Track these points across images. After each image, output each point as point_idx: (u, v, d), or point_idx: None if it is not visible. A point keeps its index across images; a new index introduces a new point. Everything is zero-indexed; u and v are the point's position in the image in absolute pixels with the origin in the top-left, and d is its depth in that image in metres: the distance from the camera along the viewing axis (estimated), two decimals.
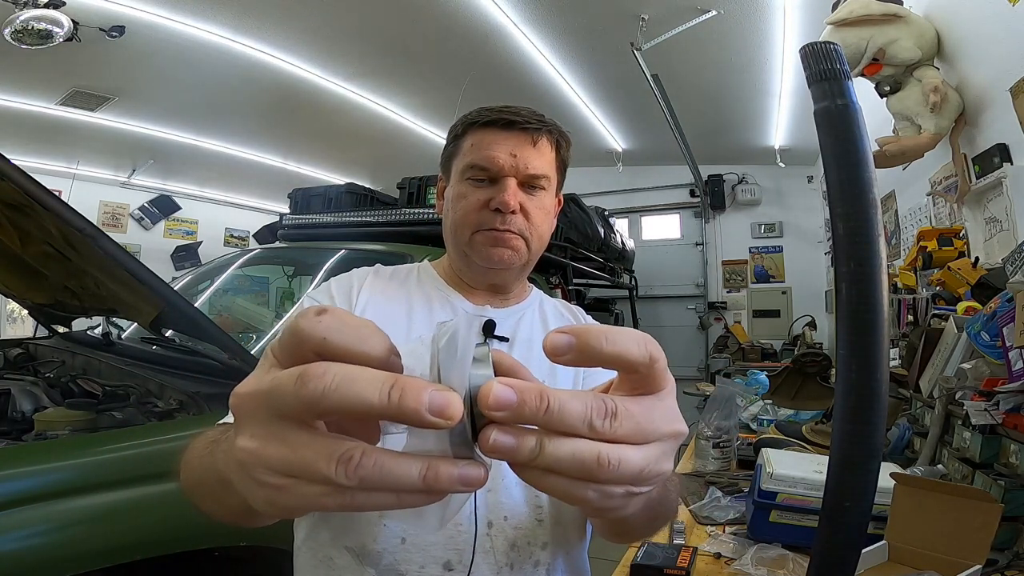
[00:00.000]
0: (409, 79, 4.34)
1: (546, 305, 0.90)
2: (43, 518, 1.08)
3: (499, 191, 0.77)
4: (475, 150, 0.78)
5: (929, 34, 2.17)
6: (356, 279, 0.82)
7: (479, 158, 0.77)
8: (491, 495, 0.71)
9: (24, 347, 2.21)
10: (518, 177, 0.78)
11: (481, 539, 0.69)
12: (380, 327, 0.38)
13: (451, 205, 0.80)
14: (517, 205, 0.77)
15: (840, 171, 0.58)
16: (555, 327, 0.85)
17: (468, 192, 0.78)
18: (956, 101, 2.13)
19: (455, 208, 0.79)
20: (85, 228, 1.39)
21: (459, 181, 0.80)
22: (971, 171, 2.14)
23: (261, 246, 3.78)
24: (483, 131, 0.79)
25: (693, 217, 6.24)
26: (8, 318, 5.20)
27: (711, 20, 3.28)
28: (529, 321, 0.85)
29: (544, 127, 0.80)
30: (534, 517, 0.72)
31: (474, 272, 0.82)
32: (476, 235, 0.78)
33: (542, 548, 0.72)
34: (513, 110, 0.78)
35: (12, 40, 3.16)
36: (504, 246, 0.78)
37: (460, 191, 0.79)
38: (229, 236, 6.93)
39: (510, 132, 0.78)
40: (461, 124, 0.81)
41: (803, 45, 0.61)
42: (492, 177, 0.78)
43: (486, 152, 0.77)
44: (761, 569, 1.05)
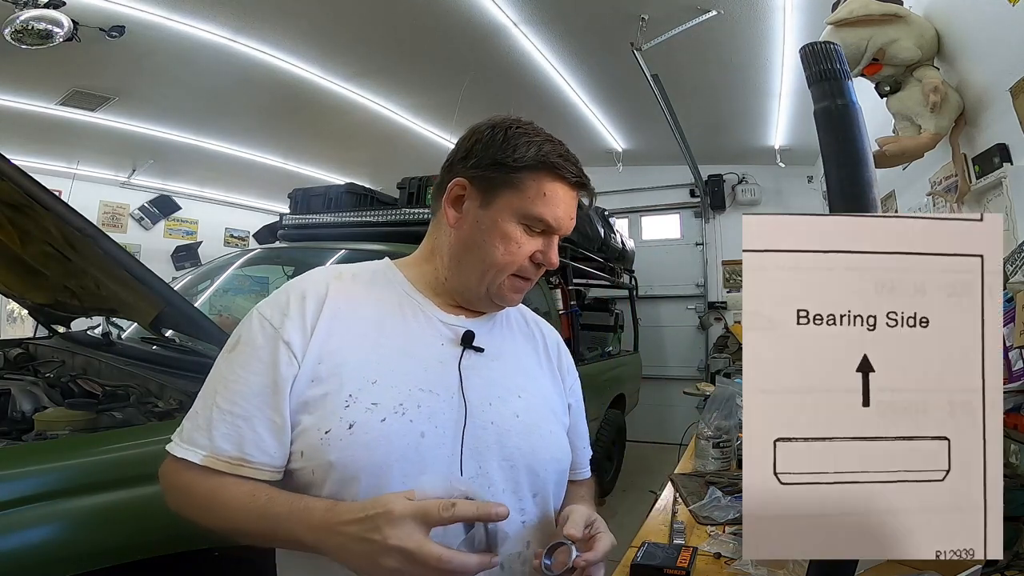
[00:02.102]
0: (409, 79, 4.34)
1: (511, 314, 0.91)
2: (43, 518, 1.07)
3: (549, 248, 0.79)
4: (547, 204, 0.76)
5: (929, 34, 2.17)
6: (314, 289, 0.76)
7: (551, 216, 0.76)
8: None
9: (24, 347, 2.21)
10: (562, 235, 0.80)
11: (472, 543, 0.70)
12: (350, 340, 0.72)
13: (491, 238, 0.76)
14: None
15: (840, 171, 0.58)
16: (523, 335, 0.90)
17: (522, 239, 0.77)
18: (956, 101, 2.13)
19: (502, 247, 0.76)
20: (85, 228, 1.39)
21: (512, 220, 0.76)
22: (971, 171, 2.14)
23: (261, 246, 3.77)
24: (557, 183, 0.77)
25: (693, 217, 6.24)
26: (8, 318, 5.19)
27: (711, 20, 3.28)
28: (499, 332, 0.86)
29: (591, 188, 0.81)
30: (519, 520, 0.75)
31: (478, 302, 0.82)
32: (508, 278, 0.78)
33: (527, 547, 0.75)
34: (579, 166, 0.78)
35: (12, 40, 3.16)
36: (521, 292, 0.81)
37: (512, 233, 0.76)
38: (229, 236, 6.93)
39: (575, 192, 0.79)
40: (534, 159, 0.75)
41: (803, 45, 0.61)
42: (546, 231, 0.78)
43: (557, 212, 0.77)
44: (761, 569, 1.05)
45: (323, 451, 0.67)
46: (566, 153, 0.78)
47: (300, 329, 0.72)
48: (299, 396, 0.70)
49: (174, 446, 0.70)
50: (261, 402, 0.69)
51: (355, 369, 0.71)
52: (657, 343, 6.10)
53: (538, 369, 0.88)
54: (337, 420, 0.68)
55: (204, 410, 0.70)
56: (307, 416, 0.69)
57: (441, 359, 0.76)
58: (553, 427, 0.84)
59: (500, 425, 0.76)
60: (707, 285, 6.09)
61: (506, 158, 0.75)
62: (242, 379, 0.70)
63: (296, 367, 0.70)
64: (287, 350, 0.70)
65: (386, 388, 0.71)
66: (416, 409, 0.71)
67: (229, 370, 0.71)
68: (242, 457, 0.68)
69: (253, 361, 0.71)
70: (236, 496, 0.66)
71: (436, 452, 0.70)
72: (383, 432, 0.68)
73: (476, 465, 0.73)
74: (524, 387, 0.82)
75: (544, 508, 0.80)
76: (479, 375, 0.78)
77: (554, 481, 0.82)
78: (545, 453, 0.80)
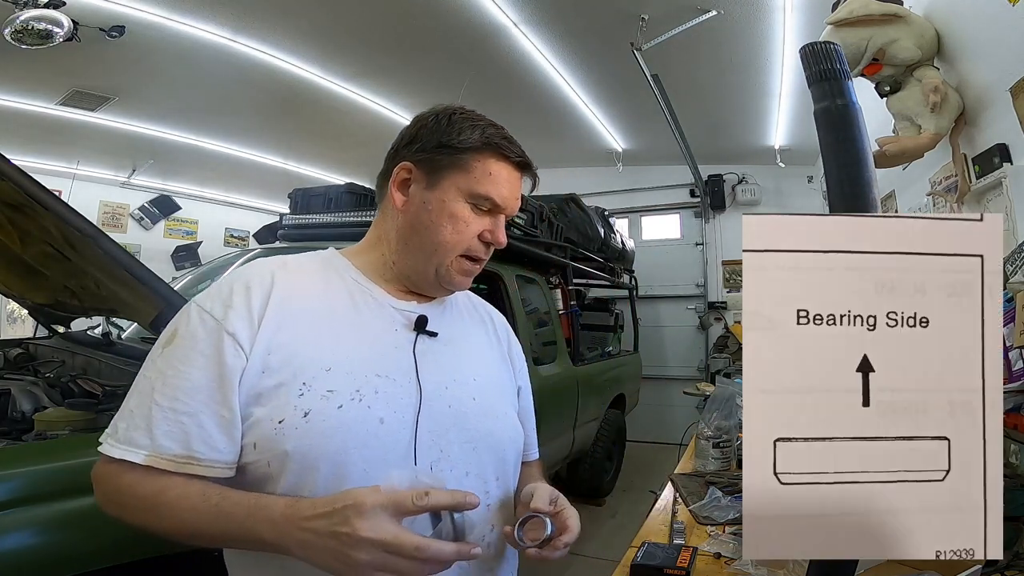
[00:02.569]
0: (409, 79, 4.34)
1: (460, 299, 0.92)
2: (43, 518, 1.08)
3: (496, 227, 0.80)
4: (493, 183, 0.77)
5: (929, 34, 2.17)
6: (259, 280, 0.74)
7: (497, 195, 0.78)
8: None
9: (24, 347, 2.21)
10: (508, 216, 0.81)
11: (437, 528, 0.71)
12: (302, 329, 0.74)
13: (438, 218, 0.77)
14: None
15: (840, 171, 0.59)
16: (472, 319, 0.92)
17: (470, 218, 0.77)
18: (956, 101, 2.13)
19: (449, 226, 0.77)
20: (85, 228, 1.39)
21: (459, 200, 0.77)
22: (971, 171, 2.14)
23: (261, 246, 3.77)
24: (502, 163, 0.79)
25: (693, 217, 6.24)
26: (8, 318, 5.19)
27: (711, 20, 3.28)
28: (451, 317, 0.86)
29: (534, 170, 0.84)
30: (483, 502, 0.75)
31: (426, 285, 0.82)
32: (456, 259, 0.79)
33: (491, 530, 0.76)
34: (521, 149, 0.80)
35: (12, 40, 3.16)
36: (471, 276, 0.82)
37: (459, 212, 0.77)
38: (229, 236, 6.93)
39: (517, 172, 0.81)
40: (479, 140, 0.77)
41: (803, 45, 0.61)
42: (492, 210, 0.79)
43: (503, 191, 0.78)
44: (761, 569, 1.05)
45: (278, 441, 0.66)
46: (509, 136, 0.80)
47: (246, 320, 0.69)
48: (250, 388, 0.68)
49: (109, 447, 0.66)
50: (206, 396, 0.66)
51: (308, 358, 0.70)
52: (657, 343, 6.10)
53: (490, 352, 0.90)
54: (291, 409, 0.67)
55: (141, 408, 0.67)
56: (259, 408, 0.67)
57: (395, 344, 0.76)
58: (507, 409, 0.86)
59: (458, 408, 0.77)
60: (707, 285, 6.09)
61: (451, 140, 0.77)
62: (182, 374, 0.67)
63: (244, 359, 0.68)
64: (232, 341, 0.68)
65: (341, 375, 0.70)
66: (373, 395, 0.70)
67: (167, 365, 0.68)
68: (190, 455, 0.65)
69: (193, 355, 0.68)
70: (186, 496, 0.63)
71: (396, 437, 0.70)
72: (341, 419, 0.67)
73: (438, 449, 0.73)
74: (478, 371, 0.83)
75: (506, 490, 0.81)
76: (434, 359, 0.78)
77: (512, 463, 0.83)
78: (503, 434, 0.81)
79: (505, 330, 0.96)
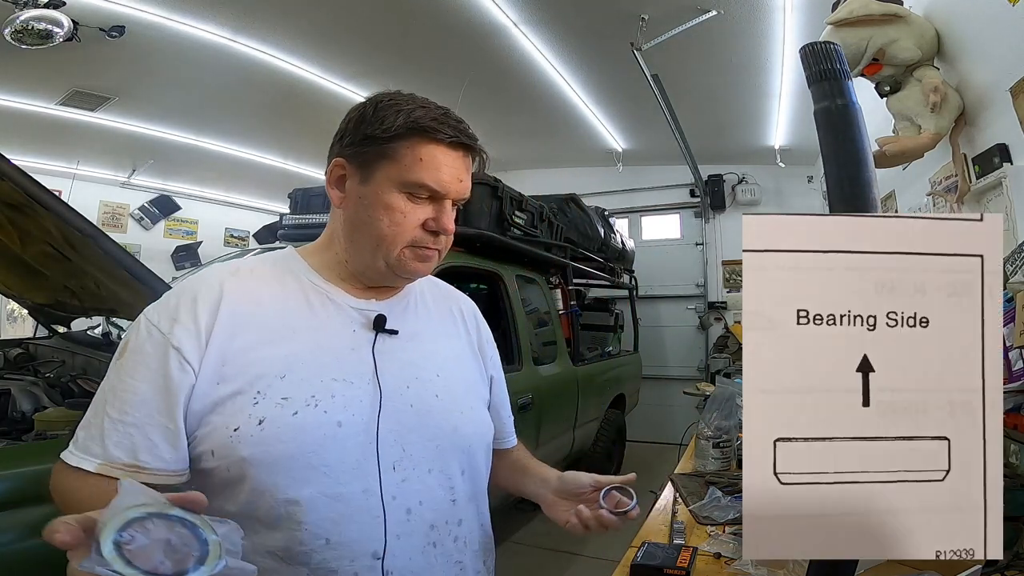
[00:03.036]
0: (409, 79, 4.33)
1: (425, 292, 0.89)
2: (43, 518, 1.07)
3: (441, 213, 0.76)
4: (425, 169, 0.73)
5: (929, 34, 2.17)
6: (207, 290, 0.73)
7: (431, 179, 0.73)
8: (406, 484, 0.73)
9: (24, 347, 2.21)
10: (456, 199, 0.77)
11: (401, 525, 0.71)
12: (256, 337, 0.72)
13: (376, 212, 0.74)
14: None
15: (840, 171, 0.59)
16: (439, 312, 0.89)
17: (406, 208, 0.74)
18: (956, 101, 2.13)
19: (387, 220, 0.74)
20: (85, 228, 1.39)
21: (392, 191, 0.73)
22: (971, 171, 2.14)
23: (261, 246, 3.77)
24: (432, 146, 0.74)
25: (693, 217, 6.24)
26: (8, 318, 5.19)
27: (711, 20, 3.28)
28: (414, 312, 0.85)
29: (480, 150, 0.79)
30: (448, 498, 0.76)
31: (381, 278, 0.80)
32: (405, 250, 0.76)
33: (458, 524, 0.77)
34: (457, 127, 0.75)
35: (12, 40, 3.16)
36: (428, 261, 0.78)
37: (395, 204, 0.73)
38: (229, 236, 6.92)
39: (457, 153, 0.75)
40: (403, 126, 0.72)
41: (803, 45, 0.61)
42: (433, 196, 0.75)
43: (438, 175, 0.74)
44: (761, 569, 1.05)
45: (233, 448, 0.67)
46: (441, 116, 0.74)
47: (192, 334, 0.69)
48: (203, 398, 0.69)
49: (68, 454, 0.68)
50: (152, 409, 0.67)
51: (263, 367, 0.70)
52: (657, 343, 6.10)
53: (456, 345, 0.88)
54: (246, 417, 0.68)
55: (96, 419, 0.69)
56: (215, 416, 0.69)
57: (353, 346, 0.76)
58: (474, 403, 0.85)
59: (419, 407, 0.76)
60: (707, 285, 6.09)
61: (375, 131, 0.73)
62: (130, 387, 0.68)
63: (191, 373, 0.68)
64: (178, 356, 0.68)
65: (297, 382, 0.70)
66: (330, 399, 0.71)
67: (118, 379, 0.69)
68: (136, 464, 0.66)
69: (141, 368, 0.69)
70: (82, 501, 0.63)
71: (355, 439, 0.71)
72: (296, 425, 0.68)
73: (399, 448, 0.73)
74: (442, 366, 0.82)
75: (475, 484, 0.81)
76: (394, 358, 0.77)
77: (482, 456, 0.84)
78: (468, 428, 0.81)
79: (475, 320, 0.94)
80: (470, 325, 0.93)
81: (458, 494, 0.78)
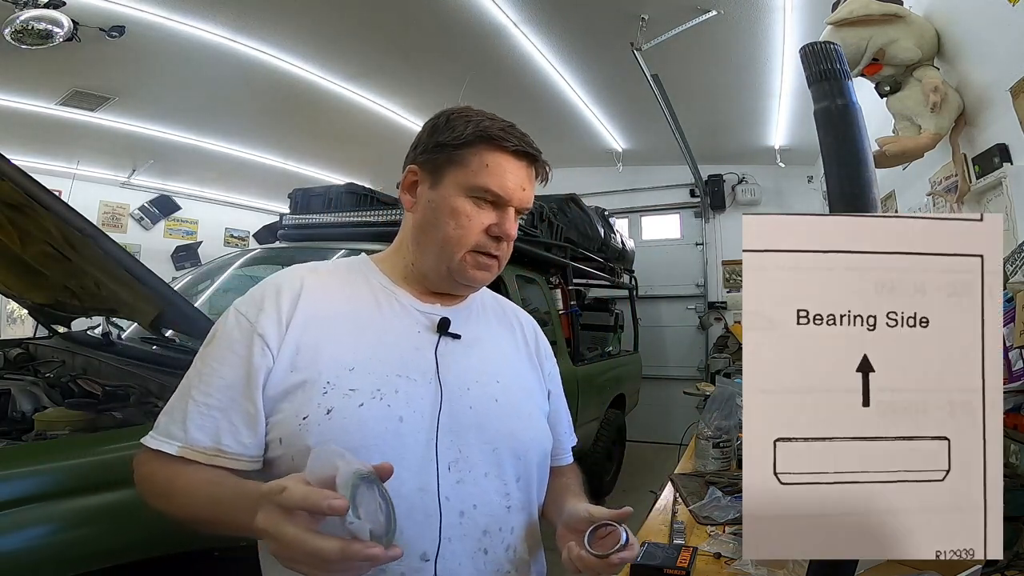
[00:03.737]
0: (409, 79, 4.34)
1: (487, 302, 0.92)
2: (43, 518, 1.08)
3: (503, 219, 0.79)
4: (491, 174, 0.77)
5: (929, 34, 2.17)
6: (289, 284, 0.78)
7: (495, 185, 0.77)
8: (461, 486, 0.73)
9: (24, 347, 2.21)
10: (518, 208, 0.80)
11: (454, 527, 0.71)
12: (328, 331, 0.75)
13: (443, 216, 0.78)
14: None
15: (840, 171, 0.59)
16: (500, 323, 0.91)
17: (472, 212, 0.77)
18: (956, 101, 2.13)
19: (453, 223, 0.77)
20: (85, 228, 1.39)
21: (459, 195, 0.77)
22: (971, 171, 2.14)
23: (261, 246, 3.77)
24: (498, 154, 0.78)
25: (693, 217, 6.24)
26: (8, 318, 5.19)
27: (711, 20, 3.28)
28: (476, 320, 0.87)
29: (543, 162, 0.82)
30: (502, 504, 0.76)
31: (444, 283, 0.82)
32: (468, 254, 0.78)
33: (511, 532, 0.76)
34: (523, 139, 0.79)
35: (12, 40, 3.16)
36: (488, 270, 0.81)
37: (461, 207, 0.77)
38: (229, 236, 6.92)
39: (521, 162, 0.79)
40: (473, 134, 0.77)
41: (803, 45, 0.61)
42: (496, 202, 0.78)
43: (502, 180, 0.77)
44: (761, 569, 1.05)
45: (301, 436, 0.69)
46: (508, 127, 0.79)
47: (275, 322, 0.73)
48: (277, 385, 0.72)
49: (149, 439, 0.72)
50: (236, 393, 0.71)
51: (333, 358, 0.73)
52: (657, 343, 6.10)
53: (516, 355, 0.89)
54: (315, 407, 0.70)
55: (180, 403, 0.72)
56: (286, 404, 0.71)
57: (417, 346, 0.78)
58: (532, 411, 0.85)
59: (479, 409, 0.77)
60: (707, 285, 6.09)
61: (447, 139, 0.78)
62: (217, 372, 0.72)
63: (270, 358, 0.72)
64: (261, 342, 0.72)
65: (364, 375, 0.73)
66: (394, 394, 0.73)
67: (204, 364, 0.73)
68: (218, 448, 0.69)
69: (228, 355, 0.72)
70: (191, 482, 0.67)
71: (415, 436, 0.72)
72: (361, 416, 0.70)
73: (456, 449, 0.74)
74: (502, 372, 0.83)
75: (527, 493, 0.81)
76: (456, 361, 0.79)
77: (537, 464, 0.83)
78: (526, 435, 0.81)
79: (534, 334, 0.95)
80: (529, 338, 0.94)
81: (512, 501, 0.77)
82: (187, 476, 0.68)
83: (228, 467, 0.69)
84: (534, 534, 0.82)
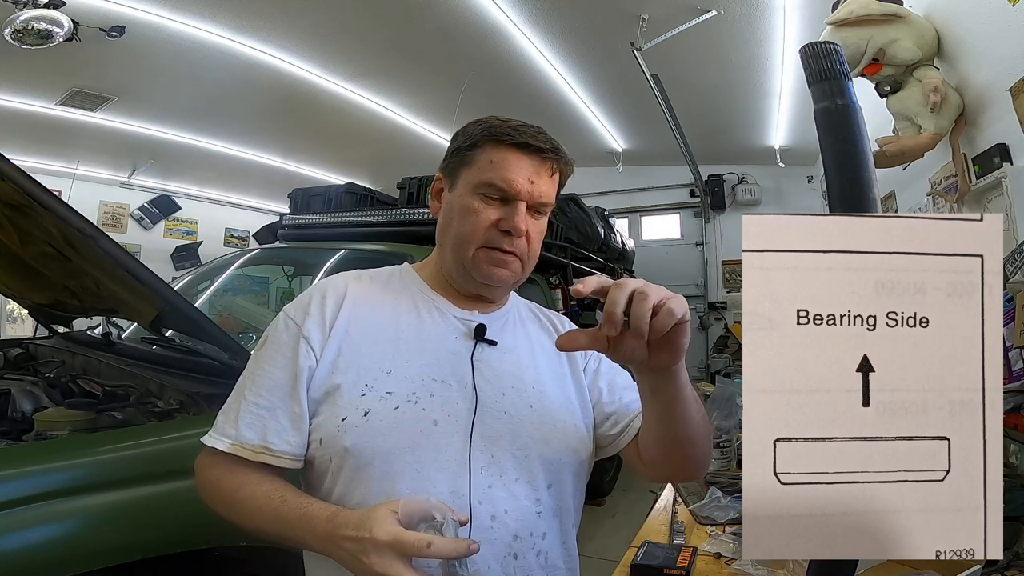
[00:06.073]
0: (409, 79, 4.34)
1: (523, 310, 0.92)
2: (43, 518, 1.07)
3: (511, 213, 0.78)
4: (495, 169, 0.78)
5: (929, 34, 2.17)
6: (333, 289, 0.81)
7: (499, 179, 0.77)
8: (492, 491, 0.73)
9: (24, 347, 2.21)
10: (529, 202, 0.79)
11: (485, 531, 0.71)
12: (368, 335, 0.78)
13: (456, 215, 0.80)
14: (525, 229, 0.79)
15: (840, 171, 0.59)
16: (536, 329, 0.90)
17: (479, 208, 0.78)
18: (956, 101, 2.13)
19: (462, 220, 0.79)
20: (85, 228, 1.39)
21: (469, 193, 0.79)
22: (971, 171, 2.14)
23: (261, 246, 3.77)
24: (504, 149, 0.78)
25: (693, 217, 6.24)
26: (8, 318, 5.20)
27: (711, 20, 3.28)
28: (512, 327, 0.87)
29: (558, 156, 0.82)
30: (533, 510, 0.76)
31: (467, 283, 0.83)
32: (480, 251, 0.79)
33: (542, 538, 0.76)
34: (533, 133, 0.80)
35: (12, 40, 3.16)
36: (504, 267, 0.80)
37: (469, 204, 0.78)
38: (229, 236, 6.93)
39: (530, 156, 0.79)
40: (480, 134, 0.79)
41: (803, 45, 0.61)
42: (505, 198, 0.79)
43: (506, 174, 0.78)
44: (761, 569, 1.05)
45: (339, 437, 0.71)
46: (517, 124, 0.80)
47: (319, 325, 0.77)
48: (319, 387, 0.75)
49: (207, 437, 0.75)
50: (283, 394, 0.74)
51: (372, 361, 0.76)
52: None
53: (555, 361, 0.87)
54: (353, 408, 0.72)
55: (234, 403, 0.76)
56: (326, 405, 0.74)
57: (454, 351, 0.79)
58: (568, 418, 0.83)
59: (514, 415, 0.77)
60: (707, 285, 6.10)
61: (461, 143, 0.82)
62: (267, 373, 0.76)
63: (314, 360, 0.75)
64: (306, 344, 0.76)
65: (401, 379, 0.75)
66: (429, 398, 0.74)
67: (256, 366, 0.77)
68: (265, 446, 0.72)
69: (278, 356, 0.76)
70: (254, 496, 0.70)
71: (449, 440, 0.73)
72: (397, 419, 0.72)
73: (488, 454, 0.74)
74: (539, 379, 0.83)
75: (560, 499, 0.80)
76: (492, 367, 0.80)
77: (571, 472, 0.81)
78: (560, 443, 0.80)
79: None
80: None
81: (543, 507, 0.77)
82: (251, 488, 0.71)
83: (273, 464, 0.72)
84: (567, 540, 0.82)
